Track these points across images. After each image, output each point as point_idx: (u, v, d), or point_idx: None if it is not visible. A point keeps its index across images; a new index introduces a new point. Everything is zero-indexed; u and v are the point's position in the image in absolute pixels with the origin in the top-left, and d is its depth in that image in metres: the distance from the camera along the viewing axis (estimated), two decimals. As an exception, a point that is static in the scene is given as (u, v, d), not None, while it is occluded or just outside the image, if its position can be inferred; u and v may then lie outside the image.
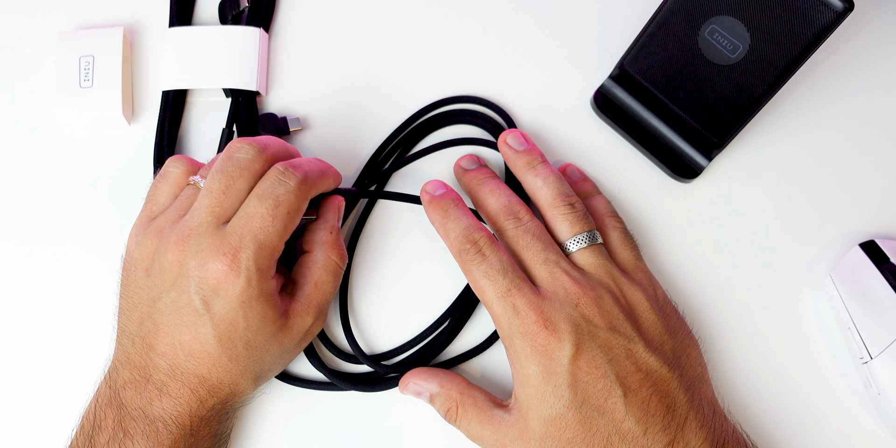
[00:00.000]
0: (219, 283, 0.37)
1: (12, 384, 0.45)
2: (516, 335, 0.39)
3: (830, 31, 0.40)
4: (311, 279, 0.41)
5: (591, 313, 0.39)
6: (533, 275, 0.41)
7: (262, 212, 0.38)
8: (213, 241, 0.38)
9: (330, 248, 0.42)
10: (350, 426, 0.44)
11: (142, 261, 0.40)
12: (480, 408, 0.40)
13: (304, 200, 0.39)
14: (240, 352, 0.39)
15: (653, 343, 0.40)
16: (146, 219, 0.41)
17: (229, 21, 0.50)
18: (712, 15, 0.43)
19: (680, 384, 0.39)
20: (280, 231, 0.38)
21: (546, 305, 0.39)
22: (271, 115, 0.48)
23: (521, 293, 0.39)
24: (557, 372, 0.38)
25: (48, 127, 0.49)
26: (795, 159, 0.49)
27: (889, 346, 0.41)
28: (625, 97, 0.48)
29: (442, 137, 0.49)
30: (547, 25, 0.51)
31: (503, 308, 0.39)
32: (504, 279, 0.40)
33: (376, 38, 0.51)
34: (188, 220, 0.39)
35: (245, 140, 0.40)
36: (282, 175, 0.39)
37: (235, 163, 0.39)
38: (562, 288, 0.40)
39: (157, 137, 0.48)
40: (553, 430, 0.38)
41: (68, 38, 0.49)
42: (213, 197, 0.39)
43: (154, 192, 0.42)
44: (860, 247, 0.45)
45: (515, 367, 0.39)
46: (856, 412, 0.44)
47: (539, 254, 0.41)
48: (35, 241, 0.47)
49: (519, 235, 0.41)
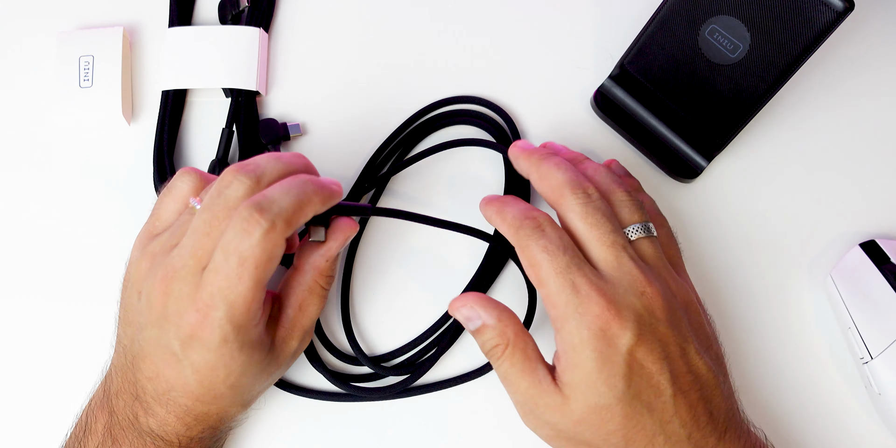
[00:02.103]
0: (194, 335, 0.35)
1: (14, 380, 0.45)
2: (572, 315, 0.36)
3: (830, 31, 0.40)
4: (296, 301, 0.40)
5: (655, 305, 0.36)
6: (595, 257, 0.38)
7: (227, 271, 0.34)
8: (189, 291, 0.35)
9: (319, 274, 0.40)
10: (351, 434, 0.44)
11: (136, 282, 0.38)
12: (529, 358, 0.37)
13: (275, 248, 0.35)
14: (224, 391, 0.37)
15: (702, 345, 0.38)
16: (148, 234, 0.39)
17: (229, 21, 0.50)
18: (712, 15, 0.43)
19: (722, 392, 0.37)
20: (251, 287, 0.35)
21: (609, 288, 0.36)
22: (271, 121, 0.48)
23: (583, 272, 0.36)
24: (614, 360, 0.35)
25: (48, 127, 0.49)
26: (795, 159, 0.49)
27: (889, 346, 0.41)
28: (625, 97, 0.48)
29: (442, 139, 0.49)
30: (547, 25, 0.51)
31: (561, 285, 0.36)
32: (564, 255, 0.36)
33: (376, 37, 0.51)
34: (174, 260, 0.36)
35: (240, 170, 0.36)
36: (245, 223, 0.34)
37: (223, 201, 0.36)
38: (628, 274, 0.37)
39: (157, 137, 0.48)
40: (595, 419, 0.36)
41: (68, 38, 0.49)
42: (196, 238, 0.36)
43: (159, 207, 0.40)
44: (860, 247, 0.45)
45: (566, 351, 0.36)
46: (856, 412, 0.44)
47: (608, 235, 0.38)
48: (35, 240, 0.47)
49: (589, 212, 0.38)
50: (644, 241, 0.39)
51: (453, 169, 0.48)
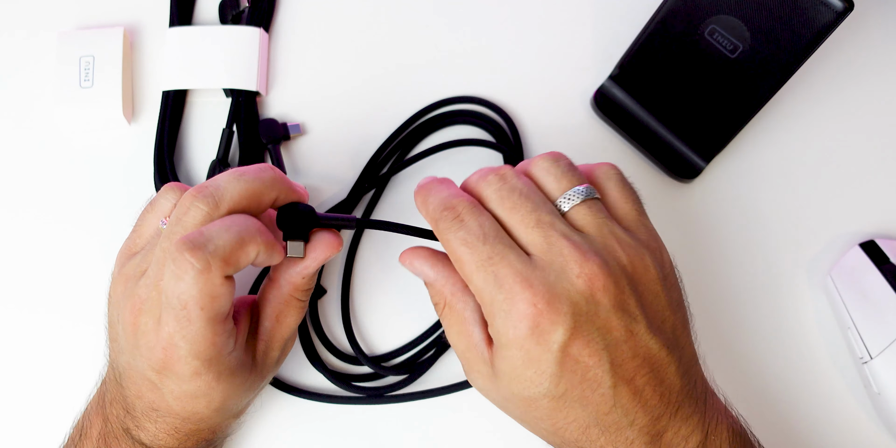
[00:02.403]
0: (167, 367, 0.34)
1: (14, 380, 0.45)
2: (498, 313, 0.33)
3: (830, 31, 0.40)
4: (273, 313, 0.38)
5: (594, 287, 0.32)
6: (524, 242, 0.34)
7: (175, 314, 0.33)
8: (154, 326, 0.34)
9: (295, 289, 0.38)
10: (351, 434, 0.44)
11: (114, 304, 0.37)
12: (465, 320, 0.35)
13: (215, 287, 0.33)
14: (209, 414, 0.37)
15: (654, 321, 0.34)
16: (127, 252, 0.38)
17: (229, 21, 0.50)
18: (712, 15, 0.43)
19: (678, 369, 0.34)
20: (204, 326, 0.33)
21: (537, 277, 0.32)
22: (272, 121, 0.48)
23: (506, 261, 0.33)
24: (542, 359, 0.32)
25: (48, 127, 0.49)
26: (795, 159, 0.49)
27: (889, 346, 0.41)
28: (624, 97, 0.48)
29: (442, 139, 0.49)
30: (547, 25, 0.51)
31: (483, 279, 0.33)
32: (484, 245, 0.33)
33: (376, 37, 0.51)
34: (140, 289, 0.35)
35: (198, 194, 0.34)
36: (175, 265, 0.32)
37: (182, 229, 0.34)
38: (559, 255, 0.33)
39: (157, 137, 0.48)
40: (521, 404, 0.34)
41: (68, 38, 0.49)
42: (157, 268, 0.34)
43: (140, 224, 0.39)
44: (860, 247, 0.45)
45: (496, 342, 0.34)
46: (856, 412, 0.44)
47: (529, 214, 0.34)
48: (34, 240, 0.47)
49: (504, 196, 0.35)
50: (580, 208, 0.35)
51: (453, 169, 0.48)
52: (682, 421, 0.34)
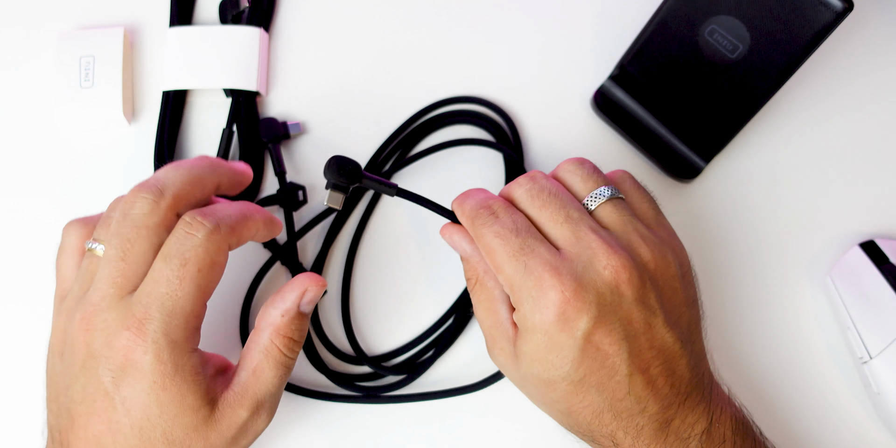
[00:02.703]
0: (126, 361, 0.33)
1: (13, 381, 0.45)
2: (527, 299, 0.34)
3: (830, 31, 0.40)
4: (250, 364, 0.36)
5: (620, 279, 0.34)
6: (554, 237, 0.36)
7: (168, 274, 0.33)
8: (117, 315, 0.34)
9: (275, 333, 0.36)
10: (350, 434, 0.44)
11: (56, 345, 0.36)
12: (493, 298, 0.37)
13: (219, 252, 0.34)
14: (158, 446, 0.34)
15: (671, 316, 0.36)
16: (58, 299, 0.38)
17: (229, 21, 0.50)
18: (712, 15, 0.43)
19: (689, 362, 0.36)
20: (192, 293, 0.34)
21: (566, 267, 0.34)
22: (272, 120, 0.48)
23: (536, 252, 0.35)
24: (565, 345, 0.34)
25: (48, 127, 0.49)
26: (795, 159, 0.49)
27: (889, 346, 0.41)
28: (624, 97, 0.48)
29: (442, 138, 0.49)
30: (547, 25, 0.51)
31: (514, 268, 0.35)
32: (517, 238, 0.35)
33: (376, 38, 0.51)
34: (91, 295, 0.34)
35: (140, 187, 0.35)
36: (188, 227, 0.34)
37: (130, 222, 0.34)
38: (587, 248, 0.35)
39: (157, 137, 0.48)
40: (539, 385, 0.36)
41: (68, 38, 0.49)
42: (112, 266, 0.34)
43: (58, 269, 0.38)
44: (860, 247, 0.45)
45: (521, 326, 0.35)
46: (856, 412, 0.44)
47: (558, 211, 0.36)
48: (33, 240, 0.47)
49: (534, 195, 0.37)
50: (606, 207, 0.37)
51: (453, 169, 0.48)
52: (690, 409, 0.36)
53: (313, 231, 0.47)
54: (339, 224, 0.47)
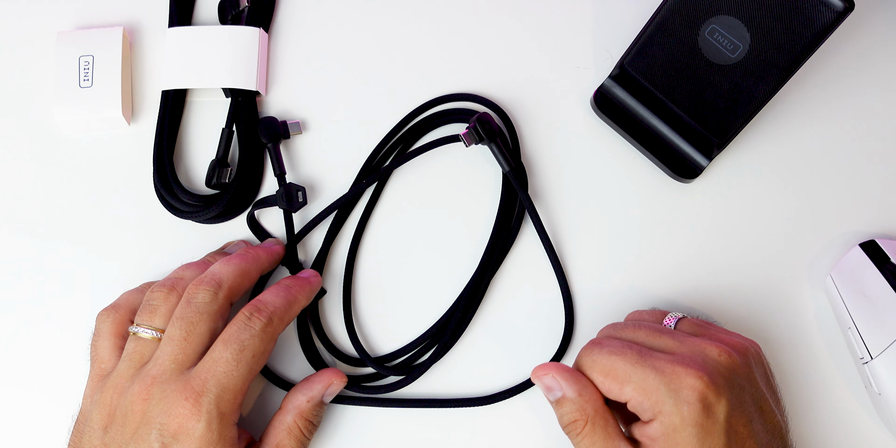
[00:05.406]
0: (180, 428, 0.37)
1: (12, 381, 0.45)
2: (667, 394, 0.36)
3: (830, 31, 0.40)
4: (273, 441, 0.41)
5: (734, 363, 0.37)
6: (659, 348, 0.39)
7: (227, 356, 0.38)
8: (176, 387, 0.38)
9: (300, 416, 0.41)
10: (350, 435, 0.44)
11: (100, 420, 0.39)
12: (610, 436, 0.38)
13: (270, 342, 0.40)
14: None
15: (774, 399, 0.39)
16: (97, 378, 0.41)
17: (229, 21, 0.50)
18: (712, 15, 0.43)
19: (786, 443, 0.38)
20: (244, 375, 0.39)
21: (689, 358, 0.37)
22: (271, 120, 0.48)
23: (657, 356, 0.37)
24: (714, 431, 0.35)
25: (48, 127, 0.49)
26: (795, 159, 0.49)
27: (889, 346, 0.41)
28: (625, 97, 0.48)
29: (440, 136, 0.49)
30: (547, 25, 0.51)
31: (643, 372, 0.36)
32: (632, 350, 0.37)
33: (376, 37, 0.51)
34: (150, 369, 0.39)
35: (202, 283, 0.41)
36: (247, 320, 0.40)
37: (194, 308, 0.40)
38: (694, 344, 0.38)
39: (157, 137, 0.48)
40: None
41: (68, 38, 0.49)
42: (174, 344, 0.39)
43: (96, 351, 0.42)
44: (860, 247, 0.45)
45: (666, 433, 0.36)
46: (856, 412, 0.44)
47: (651, 330, 0.39)
48: (33, 240, 0.47)
49: (625, 327, 0.40)
50: (685, 321, 0.41)
51: (453, 168, 0.48)
52: None
53: (314, 230, 0.47)
54: (339, 224, 0.47)
